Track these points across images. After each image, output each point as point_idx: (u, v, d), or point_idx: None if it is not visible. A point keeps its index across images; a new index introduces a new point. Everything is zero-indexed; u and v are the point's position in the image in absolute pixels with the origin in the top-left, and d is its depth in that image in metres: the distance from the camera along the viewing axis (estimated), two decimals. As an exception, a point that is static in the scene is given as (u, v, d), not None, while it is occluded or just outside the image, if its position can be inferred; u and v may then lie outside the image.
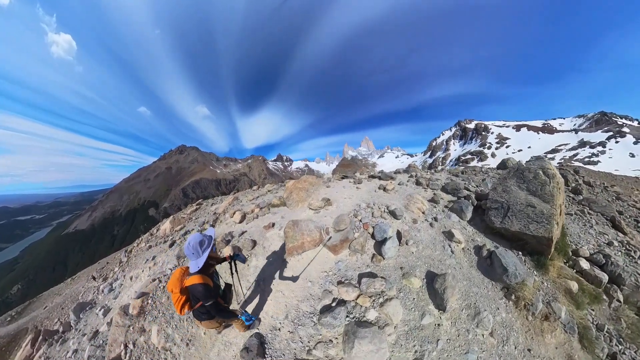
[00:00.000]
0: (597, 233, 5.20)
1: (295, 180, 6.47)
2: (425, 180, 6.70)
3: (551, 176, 4.07)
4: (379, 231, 3.82)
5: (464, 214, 4.57)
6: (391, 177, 7.53)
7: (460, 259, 3.70)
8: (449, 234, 4.06)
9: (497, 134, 79.60)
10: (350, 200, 5.32)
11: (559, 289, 3.55)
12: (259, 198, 7.17)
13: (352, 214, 4.54)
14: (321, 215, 4.72)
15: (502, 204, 4.20)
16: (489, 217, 4.27)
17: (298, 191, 5.75)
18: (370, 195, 5.65)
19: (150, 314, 3.13)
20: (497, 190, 4.45)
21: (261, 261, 3.86)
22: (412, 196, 5.17)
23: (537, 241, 3.79)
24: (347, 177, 8.40)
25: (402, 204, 4.99)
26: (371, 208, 4.74)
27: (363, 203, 4.98)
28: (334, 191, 6.08)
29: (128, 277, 4.76)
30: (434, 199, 5.26)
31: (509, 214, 4.03)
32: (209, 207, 8.24)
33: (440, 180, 7.28)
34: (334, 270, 3.38)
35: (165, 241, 6.05)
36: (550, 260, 3.83)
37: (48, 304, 6.74)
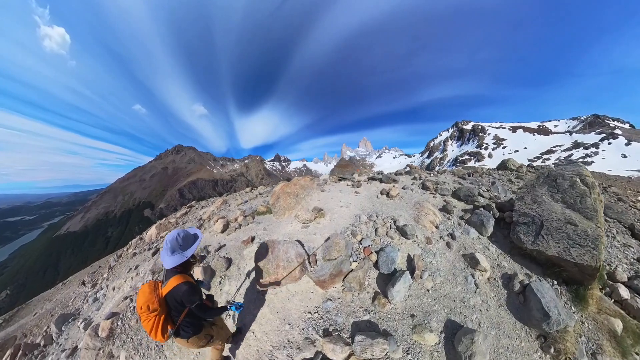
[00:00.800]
0: (621, 245, 4.51)
1: (283, 183, 5.72)
2: (432, 183, 5.93)
3: (591, 185, 3.34)
4: (385, 261, 3.02)
5: (485, 228, 3.77)
6: (393, 179, 6.76)
7: (487, 295, 2.93)
8: (471, 259, 3.26)
9: (493, 135, 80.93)
10: (347, 209, 4.55)
11: (601, 331, 2.80)
12: (247, 203, 6.55)
13: (350, 231, 3.73)
14: (310, 232, 3.92)
15: (533, 219, 3.42)
16: (516, 234, 3.46)
17: (286, 197, 5.02)
18: (372, 203, 4.86)
19: (119, 337, 2.87)
20: (525, 201, 3.69)
21: (234, 287, 3.23)
22: (422, 205, 4.40)
23: (580, 270, 3.02)
24: (344, 178, 7.63)
25: (410, 215, 4.19)
26: (374, 221, 3.93)
27: (363, 214, 4.19)
28: (328, 197, 5.38)
29: (111, 287, 4.41)
30: (446, 207, 4.48)
31: (543, 233, 3.23)
32: (198, 211, 7.62)
33: (447, 183, 6.53)
34: (321, 311, 2.66)
35: (149, 248, 5.63)
36: (589, 289, 3.09)
37: (38, 310, 6.23)
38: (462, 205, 4.78)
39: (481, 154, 72.97)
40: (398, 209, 4.47)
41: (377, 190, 5.76)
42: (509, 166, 9.73)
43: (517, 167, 9.60)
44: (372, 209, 4.47)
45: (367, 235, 3.59)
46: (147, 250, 5.57)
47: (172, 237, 1.57)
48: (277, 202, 4.97)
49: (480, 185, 6.45)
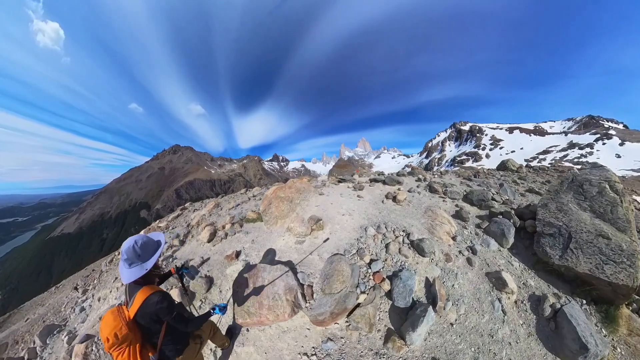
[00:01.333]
0: (639, 253, 4.18)
1: (277, 186, 5.12)
2: (440, 186, 5.53)
3: (621, 193, 2.98)
4: (402, 291, 2.46)
5: (506, 239, 3.37)
6: (398, 181, 6.33)
7: (515, 323, 2.54)
8: (497, 280, 2.82)
9: (491, 136, 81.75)
10: (350, 218, 4.04)
11: (635, 356, 2.42)
12: (238, 207, 6.04)
13: (355, 248, 3.13)
14: (305, 250, 3.34)
15: (559, 230, 3.04)
16: (542, 247, 3.08)
17: (279, 202, 4.45)
18: (378, 210, 4.38)
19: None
20: (549, 209, 3.30)
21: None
22: (434, 211, 3.98)
23: (613, 289, 2.66)
24: (344, 180, 7.15)
25: (422, 224, 3.74)
26: (383, 235, 3.37)
27: (370, 225, 3.65)
28: (328, 202, 4.86)
29: (97, 297, 4.12)
30: (460, 214, 4.08)
31: (572, 246, 2.85)
32: (190, 214, 7.15)
33: (455, 185, 6.16)
34: (320, 354, 2.19)
35: None
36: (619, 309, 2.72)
37: (30, 315, 5.96)
38: (475, 210, 4.39)
39: (479, 154, 73.68)
40: (408, 216, 4.02)
41: (382, 194, 5.34)
42: (509, 167, 9.63)
43: (517, 167, 9.51)
44: (379, 217, 3.98)
45: (377, 255, 3.02)
46: None
47: (129, 246, 1.29)
48: (269, 208, 4.38)
49: (489, 188, 6.10)
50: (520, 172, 9.07)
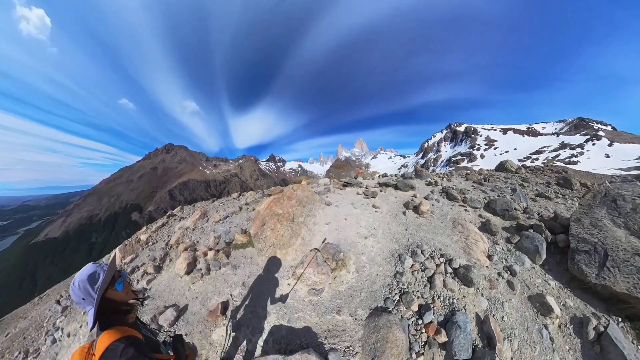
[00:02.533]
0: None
1: (272, 198, 4.04)
2: (457, 192, 5.35)
3: None
4: (462, 340, 2.04)
5: (539, 255, 3.23)
6: (411, 186, 5.98)
7: (563, 350, 2.37)
8: (541, 305, 2.63)
9: (485, 137, 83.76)
10: (376, 242, 3.31)
11: None
12: (227, 220, 5.06)
13: (396, 291, 2.49)
14: (327, 304, 2.42)
15: (594, 247, 2.95)
16: (577, 264, 2.96)
17: (276, 223, 3.43)
18: (403, 225, 3.90)
19: None
20: (582, 224, 3.20)
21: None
22: (462, 225, 3.75)
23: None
24: (350, 184, 6.64)
25: (456, 242, 3.45)
26: (421, 264, 2.89)
27: (405, 252, 3.09)
28: (340, 216, 4.01)
29: (66, 332, 3.57)
30: (487, 227, 3.89)
31: (609, 264, 2.77)
32: (175, 225, 6.36)
33: (470, 191, 6.02)
34: None
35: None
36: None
37: (11, 329, 5.57)
38: (499, 221, 4.20)
39: (474, 154, 75.15)
40: (438, 233, 3.67)
41: (399, 202, 5.02)
42: (507, 168, 9.64)
43: (515, 168, 9.53)
44: (408, 236, 3.52)
45: (422, 294, 2.49)
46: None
47: (73, 291, 1.04)
48: (262, 230, 3.38)
49: (503, 194, 6.00)
50: (520, 173, 9.11)
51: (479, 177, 8.19)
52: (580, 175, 17.95)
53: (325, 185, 6.90)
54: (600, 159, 49.35)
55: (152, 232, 6.30)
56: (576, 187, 6.98)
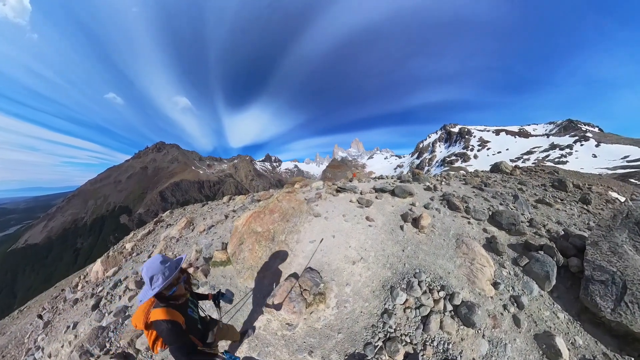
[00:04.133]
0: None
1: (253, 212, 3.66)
2: (459, 201, 4.74)
3: None
4: None
5: (549, 281, 2.72)
6: (409, 192, 5.34)
7: None
8: (547, 346, 2.18)
9: (478, 138, 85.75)
10: (365, 268, 2.80)
11: None
12: (211, 230, 4.85)
13: (381, 335, 2.07)
14: (299, 342, 2.16)
15: (612, 277, 2.47)
16: (590, 295, 2.49)
17: (254, 242, 3.13)
18: (400, 244, 3.28)
19: None
20: (600, 249, 2.68)
21: None
22: (468, 245, 3.15)
23: None
24: (344, 189, 6.07)
25: (459, 267, 2.86)
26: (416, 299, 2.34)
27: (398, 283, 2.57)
28: (328, 232, 3.52)
29: (47, 353, 3.32)
30: (492, 245, 3.29)
31: (627, 299, 2.30)
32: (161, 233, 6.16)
33: (471, 198, 5.43)
34: None
35: (92, 294, 4.41)
36: None
37: None
38: (505, 237, 3.61)
39: (467, 155, 76.77)
40: (439, 255, 3.05)
41: (396, 213, 4.36)
42: (502, 169, 9.49)
43: (510, 170, 9.35)
44: (405, 260, 2.89)
45: (411, 337, 2.05)
46: (90, 297, 4.31)
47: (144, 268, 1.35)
48: (240, 250, 3.11)
49: (506, 202, 5.47)
50: (515, 175, 8.95)
51: (478, 181, 7.69)
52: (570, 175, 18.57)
53: (318, 189, 6.46)
54: (588, 159, 51.41)
55: (138, 240, 5.91)
56: (570, 189, 6.90)
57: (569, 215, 5.06)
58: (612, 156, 48.79)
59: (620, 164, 43.14)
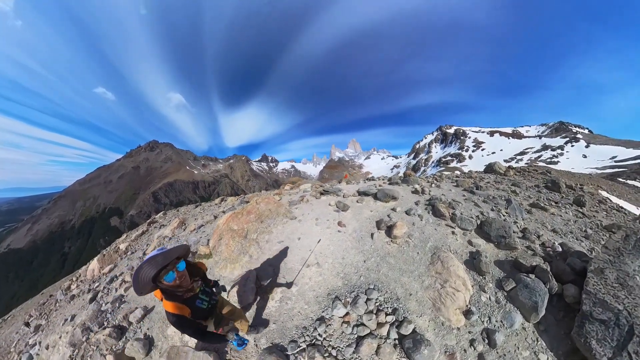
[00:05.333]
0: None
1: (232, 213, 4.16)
2: (445, 207, 4.22)
3: None
4: None
5: (536, 313, 2.19)
6: (392, 195, 4.95)
7: None
8: None
9: (473, 139, 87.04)
10: (318, 274, 2.79)
11: None
12: (201, 229, 5.17)
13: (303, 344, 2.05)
14: None
15: (617, 317, 1.93)
16: (585, 336, 1.96)
17: (229, 238, 3.60)
18: (364, 254, 3.01)
19: None
20: (605, 278, 2.16)
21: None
22: (444, 262, 2.65)
23: None
24: (328, 192, 5.85)
25: (426, 288, 2.43)
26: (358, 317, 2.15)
27: (344, 296, 2.42)
28: (296, 234, 3.71)
29: (45, 345, 3.38)
30: (476, 263, 2.77)
31: (632, 349, 1.76)
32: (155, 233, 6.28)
33: (460, 203, 4.94)
34: None
35: (89, 290, 4.54)
36: None
37: None
38: (493, 251, 3.10)
39: (462, 155, 77.91)
40: (407, 271, 2.65)
41: (372, 219, 3.94)
42: (496, 169, 9.37)
43: (504, 170, 9.24)
44: (362, 272, 2.64)
45: (337, 355, 1.94)
46: (87, 292, 4.42)
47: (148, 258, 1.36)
48: (219, 244, 3.61)
49: (498, 207, 5.01)
50: (508, 175, 8.86)
51: (470, 183, 7.24)
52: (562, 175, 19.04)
53: (304, 192, 6.46)
54: (578, 159, 52.80)
55: (132, 240, 5.99)
56: (563, 189, 6.80)
57: (564, 221, 4.81)
58: (601, 156, 50.15)
59: (608, 163, 44.20)
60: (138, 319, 2.88)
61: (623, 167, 37.52)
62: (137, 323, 2.87)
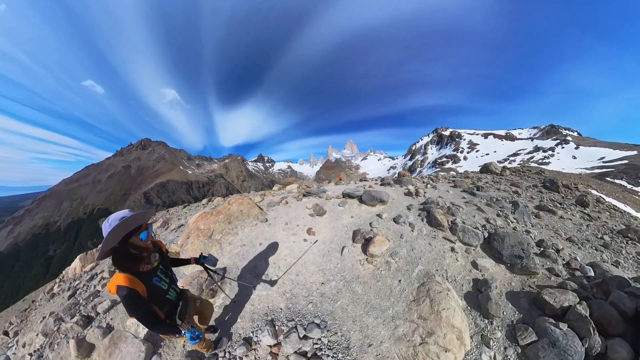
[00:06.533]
0: None
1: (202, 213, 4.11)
2: (443, 213, 3.37)
3: None
4: None
5: None
6: (380, 199, 4.15)
7: None
8: None
9: (468, 141, 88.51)
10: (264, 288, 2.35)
11: None
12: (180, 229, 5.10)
13: None
14: None
15: None
16: None
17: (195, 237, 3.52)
18: (323, 275, 2.32)
19: None
20: None
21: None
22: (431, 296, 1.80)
23: None
24: (310, 193, 5.30)
25: (395, 341, 1.63)
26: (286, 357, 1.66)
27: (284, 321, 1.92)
28: (258, 241, 3.31)
29: (22, 343, 3.25)
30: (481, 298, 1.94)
31: None
32: None
33: (461, 207, 4.11)
34: None
35: (69, 288, 4.41)
36: None
37: None
38: (504, 275, 2.29)
39: (457, 157, 79.15)
40: (374, 307, 1.85)
41: (349, 228, 3.16)
42: (492, 170, 9.27)
43: (500, 170, 9.11)
44: (314, 297, 2.04)
45: None
46: (67, 290, 4.36)
47: (104, 227, 1.23)
48: (186, 243, 3.62)
49: (504, 212, 4.25)
50: (504, 175, 8.71)
51: (469, 183, 6.54)
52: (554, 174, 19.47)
53: (288, 192, 6.12)
54: (568, 160, 54.49)
55: None
56: (561, 189, 6.63)
57: (576, 226, 4.39)
58: (590, 157, 51.83)
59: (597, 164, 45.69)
60: (105, 310, 2.99)
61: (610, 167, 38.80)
62: (104, 314, 2.97)
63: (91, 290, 3.73)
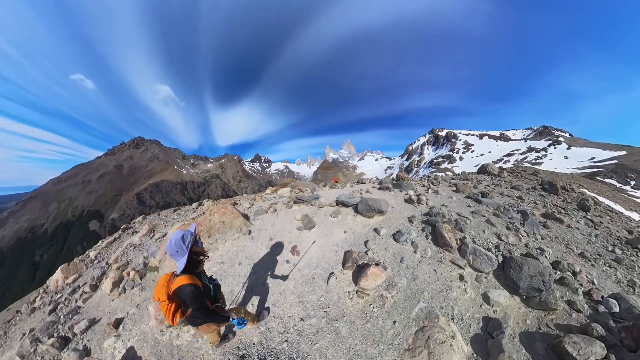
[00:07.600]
0: None
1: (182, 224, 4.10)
2: (451, 230, 2.89)
3: None
4: None
5: None
6: (378, 209, 3.64)
7: None
8: None
9: (464, 141, 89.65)
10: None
11: None
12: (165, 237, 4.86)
13: None
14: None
15: None
16: None
17: None
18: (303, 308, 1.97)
19: None
20: None
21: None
22: (431, 347, 1.35)
23: None
24: (301, 201, 4.82)
25: None
26: None
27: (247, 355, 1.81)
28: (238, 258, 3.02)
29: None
30: (491, 345, 1.48)
31: None
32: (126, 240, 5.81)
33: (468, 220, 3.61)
34: None
35: (50, 301, 4.18)
36: None
37: None
38: (518, 310, 1.88)
39: (453, 157, 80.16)
40: (359, 355, 1.52)
41: (341, 248, 2.69)
42: (489, 171, 9.22)
43: (497, 172, 9.04)
44: (290, 335, 1.78)
45: None
46: (48, 304, 4.05)
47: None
48: (164, 258, 3.46)
49: (515, 224, 3.83)
50: (502, 177, 8.62)
51: (470, 187, 6.14)
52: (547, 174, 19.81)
53: (279, 197, 5.77)
54: (561, 160, 55.64)
55: (102, 248, 5.75)
56: (559, 191, 6.53)
57: (585, 237, 4.20)
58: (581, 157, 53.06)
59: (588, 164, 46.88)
60: (82, 330, 2.90)
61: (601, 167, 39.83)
62: (81, 334, 2.89)
63: (72, 305, 3.62)
